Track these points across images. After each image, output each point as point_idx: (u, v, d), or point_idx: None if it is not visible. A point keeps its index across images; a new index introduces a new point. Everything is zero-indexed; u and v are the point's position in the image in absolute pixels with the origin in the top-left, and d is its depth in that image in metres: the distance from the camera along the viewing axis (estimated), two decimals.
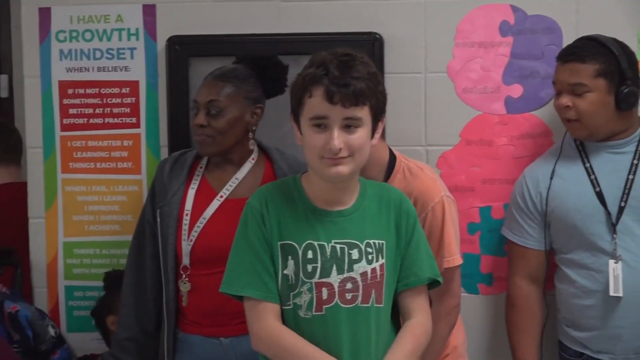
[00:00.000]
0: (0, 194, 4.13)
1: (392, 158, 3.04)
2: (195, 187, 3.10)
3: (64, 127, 3.57)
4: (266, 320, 2.50)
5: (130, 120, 3.55)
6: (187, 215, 3.06)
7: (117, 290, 3.37)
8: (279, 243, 2.52)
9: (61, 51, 3.56)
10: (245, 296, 2.54)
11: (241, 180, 3.08)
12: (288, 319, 2.51)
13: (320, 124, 2.43)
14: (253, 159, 3.11)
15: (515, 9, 3.44)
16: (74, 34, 3.56)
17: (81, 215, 3.58)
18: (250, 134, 3.09)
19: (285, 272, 2.51)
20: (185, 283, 3.06)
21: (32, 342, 3.46)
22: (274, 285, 2.51)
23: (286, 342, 2.47)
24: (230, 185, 3.07)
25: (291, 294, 2.50)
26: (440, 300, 2.96)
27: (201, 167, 3.14)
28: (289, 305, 2.51)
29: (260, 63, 3.14)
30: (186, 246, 3.03)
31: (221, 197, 3.06)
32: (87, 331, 3.53)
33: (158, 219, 3.09)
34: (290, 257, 2.51)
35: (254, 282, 2.51)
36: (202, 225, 3.03)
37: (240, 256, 2.55)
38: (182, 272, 3.05)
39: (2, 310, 3.48)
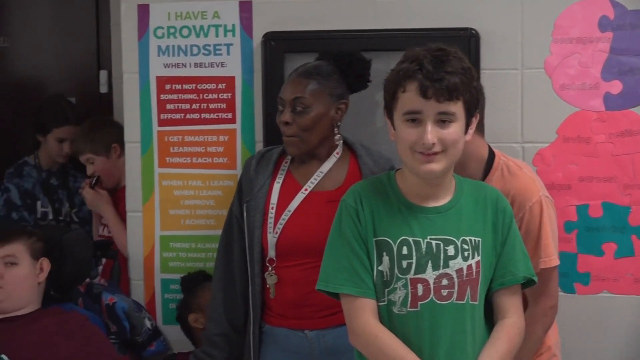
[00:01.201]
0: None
1: (491, 155, 3.00)
2: (281, 181, 3.12)
3: (161, 122, 3.62)
4: (364, 317, 2.49)
5: (226, 115, 3.58)
6: (272, 208, 3.08)
7: (194, 291, 3.49)
8: (374, 239, 2.51)
9: (159, 47, 3.61)
10: (342, 293, 2.54)
11: (325, 173, 3.10)
12: (382, 315, 2.50)
13: (414, 118, 2.42)
14: (337, 153, 3.12)
15: (614, 3, 3.37)
16: (172, 30, 3.60)
17: (177, 210, 3.63)
18: (335, 129, 3.10)
19: (380, 268, 2.50)
20: (271, 275, 3.08)
21: (129, 333, 3.52)
22: (370, 281, 2.50)
23: (383, 343, 2.46)
24: (315, 179, 3.09)
25: (386, 290, 2.49)
26: (537, 301, 2.90)
27: (286, 162, 3.16)
28: (384, 301, 2.50)
29: (344, 59, 3.14)
30: (272, 239, 3.06)
31: (305, 190, 3.08)
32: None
33: (245, 214, 3.13)
34: (385, 253, 2.50)
35: (351, 279, 2.50)
36: (287, 218, 3.05)
37: (336, 253, 2.54)
38: (268, 265, 3.09)
39: (100, 301, 3.55)
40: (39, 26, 4.95)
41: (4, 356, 3.13)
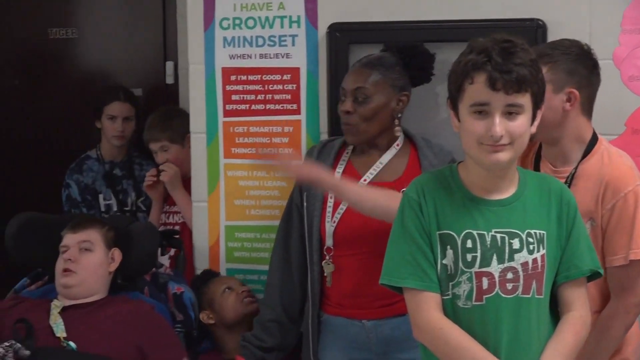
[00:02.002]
0: None
1: (594, 139, 2.96)
2: (341, 170, 3.16)
3: (227, 113, 3.64)
4: (428, 311, 2.48)
5: (291, 106, 3.59)
6: (331, 197, 3.12)
7: (202, 289, 3.56)
8: (437, 233, 2.50)
9: (224, 38, 3.63)
10: (405, 287, 2.53)
11: (385, 165, 3.11)
12: (446, 308, 2.49)
13: (481, 110, 2.40)
14: (398, 145, 3.13)
15: None
16: (237, 22, 3.62)
17: (242, 200, 3.65)
18: (396, 120, 3.10)
19: (444, 262, 2.49)
20: (329, 264, 3.12)
21: (195, 323, 3.55)
22: (434, 274, 2.49)
23: (449, 336, 2.45)
24: (374, 169, 3.11)
25: (450, 283, 2.48)
26: (620, 297, 2.81)
27: (347, 153, 3.19)
28: (448, 295, 2.49)
29: (407, 51, 3.15)
30: (329, 228, 3.10)
31: (365, 180, 3.10)
32: None
33: (305, 202, 3.16)
34: (449, 247, 2.48)
35: (414, 273, 2.49)
36: (345, 208, 3.08)
37: (399, 247, 2.54)
38: (325, 253, 3.11)
39: (166, 291, 3.58)
40: (106, 18, 4.99)
41: (71, 343, 3.18)
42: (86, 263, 3.33)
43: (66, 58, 5.06)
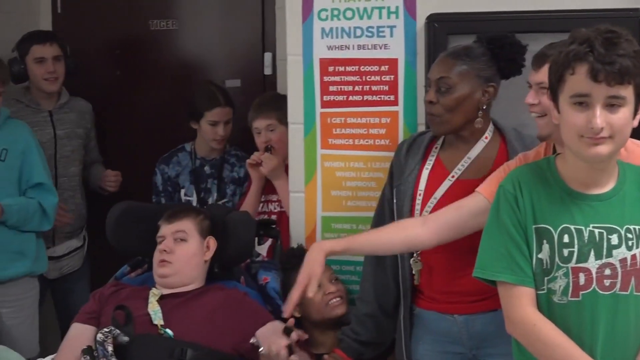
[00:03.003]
0: None
1: None
2: (430, 167, 3.14)
3: (324, 104, 3.65)
4: (522, 306, 2.46)
5: (389, 97, 3.58)
6: (420, 195, 3.11)
7: (290, 277, 3.39)
8: (534, 227, 2.47)
9: (323, 29, 3.63)
10: (499, 281, 2.51)
11: (473, 159, 3.08)
12: (541, 304, 2.46)
13: (582, 102, 2.36)
14: (486, 138, 3.10)
15: None
16: (335, 13, 3.62)
17: (339, 191, 3.65)
18: (480, 112, 3.06)
19: (539, 256, 2.46)
20: (416, 262, 3.11)
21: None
22: (529, 269, 2.46)
23: (543, 333, 2.42)
24: (462, 165, 3.09)
25: (545, 278, 2.45)
26: None
27: (436, 147, 3.17)
28: (543, 290, 2.46)
29: (496, 42, 3.10)
30: None
31: (452, 177, 3.08)
32: None
33: (394, 198, 3.15)
34: (545, 241, 2.45)
35: (509, 267, 2.47)
36: (432, 205, 3.07)
37: (494, 240, 2.51)
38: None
39: (256, 280, 3.61)
40: (206, 9, 5.04)
41: (168, 330, 3.23)
42: (181, 253, 3.37)
43: (166, 49, 5.13)
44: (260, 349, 3.15)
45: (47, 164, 4.46)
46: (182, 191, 4.48)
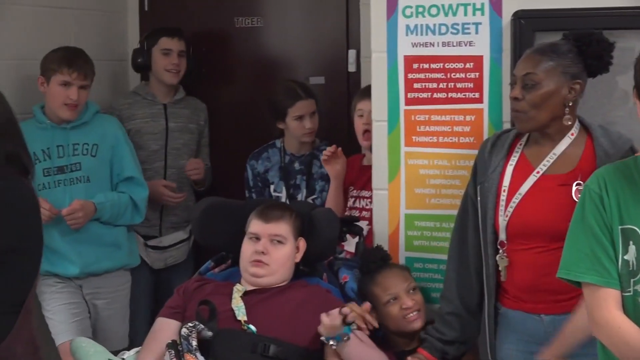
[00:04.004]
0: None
1: None
2: (514, 163, 3.11)
3: (408, 102, 3.63)
4: (607, 308, 2.42)
5: (473, 95, 3.55)
6: (504, 191, 3.08)
7: (368, 285, 3.45)
8: (620, 227, 2.42)
9: (407, 26, 3.62)
10: (584, 282, 2.47)
11: (558, 156, 3.05)
12: (627, 306, 2.42)
13: None
14: (572, 135, 3.06)
15: None
16: (420, 10, 3.60)
17: (423, 189, 3.63)
18: (567, 109, 3.02)
19: (625, 257, 2.41)
20: (502, 258, 3.09)
21: None
22: (615, 270, 2.42)
23: (628, 335, 2.38)
24: (547, 161, 3.05)
25: (631, 280, 2.41)
26: None
27: (520, 144, 3.14)
28: (629, 292, 2.41)
29: (583, 39, 3.06)
30: (502, 221, 3.07)
31: (537, 172, 3.05)
32: (425, 302, 3.57)
33: (479, 195, 3.14)
34: (631, 242, 2.41)
35: (594, 268, 2.43)
36: (517, 201, 3.05)
37: (579, 240, 2.48)
38: (499, 247, 3.08)
39: (337, 277, 3.61)
40: (291, 7, 5.07)
41: (251, 326, 3.25)
42: (277, 256, 3.39)
43: (251, 46, 5.16)
44: (328, 342, 3.16)
45: (158, 155, 4.58)
46: (271, 187, 4.52)
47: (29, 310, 2.83)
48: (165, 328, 3.35)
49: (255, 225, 3.44)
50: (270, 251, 3.38)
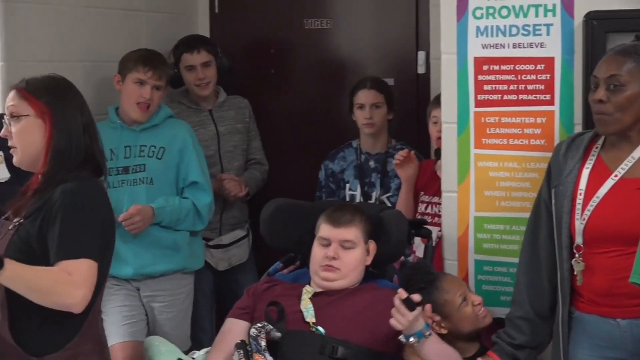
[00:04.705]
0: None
1: None
2: (590, 166, 3.07)
3: (478, 103, 3.61)
4: None
5: (545, 97, 3.52)
6: (580, 194, 3.04)
7: (432, 294, 3.39)
8: None
9: (477, 28, 3.60)
10: None
11: (637, 159, 3.00)
12: None
13: None
14: None
15: None
16: (491, 11, 3.58)
17: (493, 191, 3.61)
18: None
19: None
20: (578, 262, 3.04)
21: None
22: None
23: None
24: (626, 164, 3.01)
25: None
26: None
27: (597, 147, 3.10)
28: None
29: None
30: (579, 225, 3.02)
31: (615, 176, 3.01)
32: (494, 305, 3.55)
33: (553, 199, 3.10)
34: None
35: None
36: (595, 205, 3.00)
37: None
38: (575, 251, 3.04)
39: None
40: (360, 8, 5.07)
41: (320, 328, 3.26)
42: (348, 260, 3.39)
43: (320, 48, 5.17)
44: (409, 340, 3.15)
45: (213, 160, 4.59)
46: (347, 186, 4.53)
47: (97, 310, 2.94)
48: (235, 328, 3.37)
49: (325, 229, 3.44)
50: (341, 256, 3.38)
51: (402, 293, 3.11)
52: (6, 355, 2.82)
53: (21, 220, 2.84)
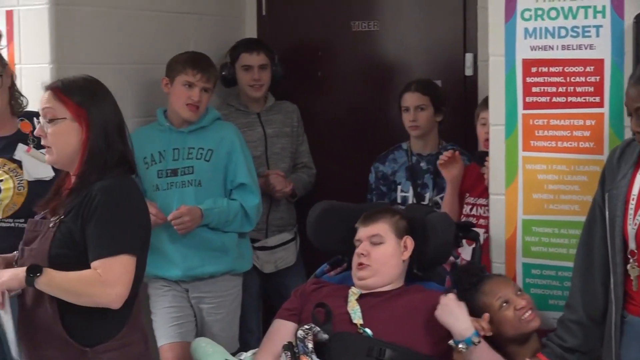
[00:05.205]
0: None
1: None
2: None
3: (527, 106, 3.60)
4: None
5: (594, 99, 3.50)
6: (633, 199, 3.01)
7: (473, 296, 3.40)
8: None
9: (526, 30, 3.58)
10: None
11: None
12: None
13: None
14: None
15: None
16: (539, 12, 3.56)
17: (541, 194, 3.59)
18: None
19: None
20: (633, 267, 3.01)
21: None
22: None
23: None
24: None
25: None
26: None
27: None
28: None
29: None
30: (631, 230, 2.99)
31: None
32: (542, 309, 3.53)
33: (606, 203, 3.08)
34: None
35: None
36: None
37: None
38: (629, 256, 3.01)
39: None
40: (407, 10, 5.05)
41: (367, 330, 3.26)
42: (377, 255, 3.40)
43: (367, 50, 5.16)
44: (457, 346, 3.15)
45: (260, 161, 4.62)
46: (399, 187, 4.53)
47: (140, 301, 3.04)
48: (282, 330, 3.39)
49: (358, 231, 3.49)
50: (370, 252, 3.40)
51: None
52: (59, 349, 2.89)
53: (62, 217, 2.91)
